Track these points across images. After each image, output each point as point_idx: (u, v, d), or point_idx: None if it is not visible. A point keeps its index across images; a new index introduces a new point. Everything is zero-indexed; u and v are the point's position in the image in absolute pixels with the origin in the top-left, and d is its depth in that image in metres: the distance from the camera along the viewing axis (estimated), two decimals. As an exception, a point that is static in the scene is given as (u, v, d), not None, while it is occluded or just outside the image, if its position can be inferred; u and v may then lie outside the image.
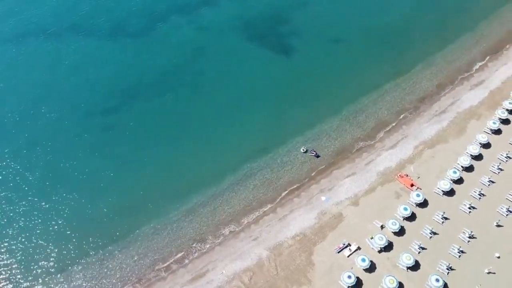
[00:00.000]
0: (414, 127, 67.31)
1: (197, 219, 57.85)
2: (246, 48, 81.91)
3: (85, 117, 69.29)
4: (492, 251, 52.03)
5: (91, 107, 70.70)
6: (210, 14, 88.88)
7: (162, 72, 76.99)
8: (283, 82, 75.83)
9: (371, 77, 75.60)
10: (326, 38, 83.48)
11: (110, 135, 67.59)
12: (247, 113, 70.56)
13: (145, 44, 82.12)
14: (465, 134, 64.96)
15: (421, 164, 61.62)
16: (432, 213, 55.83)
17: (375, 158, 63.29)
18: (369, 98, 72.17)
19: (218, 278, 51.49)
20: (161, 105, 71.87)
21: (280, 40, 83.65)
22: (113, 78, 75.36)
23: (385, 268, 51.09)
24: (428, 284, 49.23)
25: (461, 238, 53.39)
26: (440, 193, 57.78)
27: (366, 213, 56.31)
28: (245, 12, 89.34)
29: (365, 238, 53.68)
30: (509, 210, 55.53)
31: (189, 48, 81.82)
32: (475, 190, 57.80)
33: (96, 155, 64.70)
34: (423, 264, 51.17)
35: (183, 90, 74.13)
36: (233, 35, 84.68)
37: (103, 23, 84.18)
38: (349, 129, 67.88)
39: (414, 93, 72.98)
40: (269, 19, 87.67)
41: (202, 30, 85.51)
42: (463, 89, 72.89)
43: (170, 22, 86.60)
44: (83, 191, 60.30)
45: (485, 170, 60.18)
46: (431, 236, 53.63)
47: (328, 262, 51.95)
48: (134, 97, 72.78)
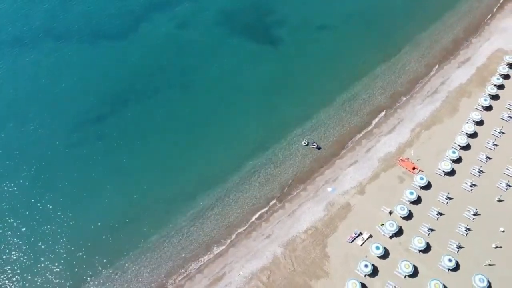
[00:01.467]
0: (409, 110, 68.44)
1: (206, 222, 57.56)
2: (232, 42, 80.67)
3: (75, 128, 67.01)
4: (497, 226, 54.09)
5: (81, 116, 68.39)
6: (190, 9, 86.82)
7: (149, 73, 75.11)
8: (274, 74, 75.30)
9: (361, 62, 76.09)
10: (311, 25, 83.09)
11: (104, 144, 65.68)
12: (241, 109, 69.92)
13: (127, 45, 79.66)
14: (458, 113, 66.51)
15: (420, 146, 62.89)
16: (436, 194, 57.35)
17: (374, 144, 64.16)
18: (362, 84, 72.69)
19: (236, 280, 51.68)
20: (152, 108, 70.22)
21: (265, 31, 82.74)
22: (99, 84, 72.99)
23: (398, 253, 52.42)
24: (441, 264, 50.91)
25: (466, 216, 55.19)
26: (441, 174, 59.29)
27: (373, 201, 57.30)
28: (226, 4, 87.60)
29: (375, 225, 54.78)
30: (508, 184, 57.62)
31: (173, 46, 79.97)
32: (474, 168, 59.60)
33: (92, 166, 62.89)
34: (433, 245, 52.74)
35: (173, 90, 72.61)
36: (217, 29, 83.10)
37: (82, 28, 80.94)
38: (346, 117, 68.36)
39: (404, 76, 73.94)
40: (252, 10, 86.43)
41: (184, 27, 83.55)
42: (451, 67, 74.31)
43: (150, 20, 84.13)
44: (84, 206, 58.66)
45: (481, 147, 62.00)
46: (438, 217, 55.20)
47: (343, 253, 52.86)
48: (124, 101, 70.81)
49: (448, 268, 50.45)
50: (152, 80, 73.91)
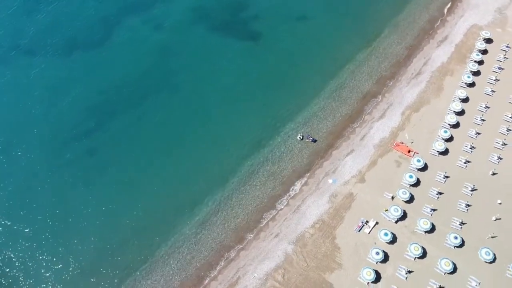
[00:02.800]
0: (396, 94, 69.61)
1: (213, 228, 57.17)
2: (212, 40, 79.36)
3: (64, 146, 64.60)
4: (494, 199, 56.20)
5: (68, 133, 66.03)
6: (164, 9, 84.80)
7: (132, 81, 73.07)
8: (258, 70, 74.82)
9: (343, 50, 76.57)
10: (289, 17, 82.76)
11: (96, 159, 63.81)
12: (231, 110, 69.10)
13: (106, 54, 77.03)
14: (444, 92, 68.16)
15: (412, 128, 64.22)
16: (433, 174, 58.92)
17: (368, 131, 65.06)
18: (347, 72, 73.26)
19: (252, 282, 51.78)
20: (140, 117, 68.56)
21: (244, 27, 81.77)
22: (82, 97, 70.44)
23: (405, 236, 53.78)
24: (447, 242, 52.63)
25: (464, 192, 57.04)
26: (436, 154, 60.87)
27: (374, 188, 58.33)
28: (201, 2, 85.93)
29: (380, 212, 55.88)
30: (499, 157, 59.81)
31: (153, 50, 77.89)
32: (466, 145, 61.47)
33: (87, 183, 61.04)
34: (437, 225, 54.34)
35: (159, 96, 71.01)
36: (195, 28, 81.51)
37: (55, 41, 77.50)
38: (336, 107, 68.87)
39: (387, 59, 74.95)
40: (229, 6, 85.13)
41: (161, 29, 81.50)
42: (431, 47, 75.81)
43: (125, 26, 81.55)
44: (85, 226, 57.04)
45: (470, 123, 63.90)
46: (438, 196, 56.81)
47: (352, 243, 53.78)
48: (111, 113, 68.80)
49: (454, 245, 52.23)
50: (137, 88, 72.01)
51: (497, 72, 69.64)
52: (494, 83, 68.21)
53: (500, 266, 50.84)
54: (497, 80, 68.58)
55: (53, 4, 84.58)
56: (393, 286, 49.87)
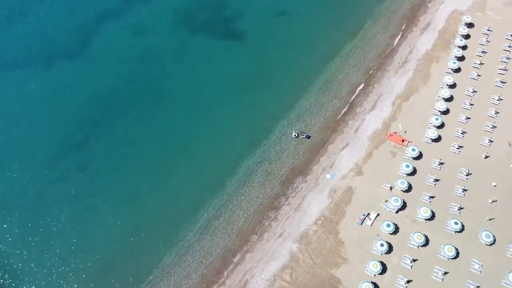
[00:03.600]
0: (385, 84, 70.19)
1: (216, 233, 56.79)
2: (195, 42, 78.44)
3: (52, 162, 62.85)
4: (489, 181, 57.45)
5: (54, 149, 64.26)
6: (142, 13, 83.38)
7: (116, 89, 71.59)
8: (244, 69, 74.33)
9: (328, 43, 76.70)
10: (270, 13, 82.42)
11: (88, 173, 62.23)
12: (222, 112, 68.45)
13: (86, 64, 75.29)
14: (431, 79, 69.06)
15: (403, 118, 64.94)
16: (429, 162, 59.82)
17: (360, 123, 65.50)
18: (335, 65, 73.47)
19: (260, 285, 51.75)
20: (128, 126, 67.27)
21: (226, 26, 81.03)
22: (66, 110, 68.71)
23: (406, 226, 54.55)
24: (448, 228, 53.65)
25: (460, 178, 58.13)
26: (429, 142, 61.76)
27: (372, 179, 58.86)
28: (179, 3, 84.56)
29: (380, 203, 56.46)
30: (490, 140, 61.09)
31: (134, 56, 76.46)
32: (457, 130, 62.55)
33: (81, 199, 59.53)
34: (437, 212, 55.25)
35: (146, 103, 69.73)
36: (175, 30, 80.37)
37: (32, 52, 75.49)
38: (327, 101, 69.06)
39: (373, 50, 75.46)
40: (207, 5, 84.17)
41: (141, 33, 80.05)
42: (414, 35, 76.63)
43: (103, 33, 79.83)
44: (85, 243, 55.85)
45: (459, 109, 65.01)
46: (435, 183, 57.73)
47: (356, 236, 54.26)
48: (98, 124, 67.35)
49: (455, 231, 53.28)
50: (122, 96, 70.63)
51: (481, 56, 70.92)
52: (479, 67, 69.49)
53: (500, 247, 52.11)
54: (481, 64, 69.87)
55: (27, 16, 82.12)
56: (400, 275, 50.63)
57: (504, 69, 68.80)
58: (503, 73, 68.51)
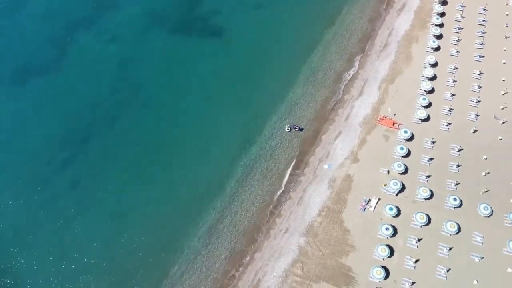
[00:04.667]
0: (369, 69, 70.90)
1: (221, 235, 56.52)
2: (173, 44, 76.95)
3: (42, 183, 60.46)
4: (480, 155, 59.26)
5: (43, 169, 61.88)
6: (115, 19, 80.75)
7: (97, 101, 69.36)
8: (227, 67, 73.45)
9: (308, 33, 76.73)
10: (247, 7, 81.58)
11: (82, 190, 60.27)
12: (210, 113, 67.56)
13: (63, 77, 72.58)
14: (413, 59, 70.21)
15: (391, 101, 65.89)
16: (421, 142, 61.10)
17: (350, 110, 66.12)
18: (317, 55, 73.61)
19: (273, 282, 52.02)
20: (117, 136, 65.70)
21: (204, 24, 79.71)
22: (50, 127, 66.27)
23: (407, 207, 55.73)
24: (447, 205, 55.16)
25: (453, 154, 59.70)
26: (419, 122, 63.00)
27: (369, 165, 59.67)
28: (152, 4, 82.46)
29: (379, 188, 57.41)
30: (476, 114, 62.90)
31: (113, 64, 74.29)
32: (444, 108, 64.04)
33: (77, 218, 57.67)
34: (435, 190, 56.62)
35: (133, 111, 68.09)
36: (152, 34, 78.46)
37: (7, 70, 71.95)
38: (315, 92, 69.29)
39: (353, 36, 75.98)
40: (181, 5, 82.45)
41: (117, 40, 77.68)
42: (392, 17, 77.56)
43: (77, 43, 77.13)
44: (87, 261, 54.48)
45: (444, 86, 66.50)
46: (430, 162, 59.10)
47: (360, 223, 55.09)
48: (84, 139, 65.31)
49: (454, 207, 54.85)
50: (106, 107, 68.63)
51: (458, 32, 72.54)
52: (457, 44, 71.10)
53: (498, 217, 54.03)
54: (459, 40, 71.51)
55: (-6, 30, 78.50)
56: (407, 256, 51.88)
57: (481, 43, 70.63)
58: (480, 48, 70.36)
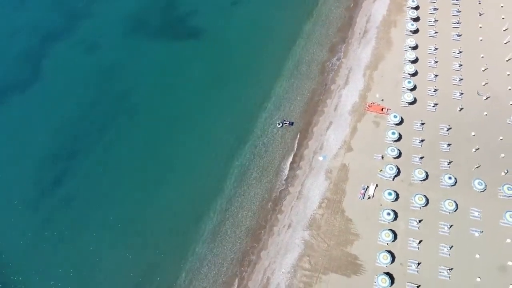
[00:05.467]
0: (352, 57, 71.45)
1: (225, 238, 56.28)
2: (153, 48, 75.63)
3: (35, 204, 58.82)
4: (468, 132, 60.69)
5: (33, 190, 60.04)
6: (91, 27, 78.82)
7: (82, 113, 67.85)
8: (210, 68, 72.80)
9: (287, 27, 76.81)
10: (224, 3, 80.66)
11: (77, 207, 58.94)
12: (199, 116, 66.90)
13: (45, 91, 70.72)
14: (394, 44, 71.10)
15: (377, 87, 66.63)
16: (411, 125, 62.12)
17: (338, 100, 66.57)
18: (299, 47, 73.73)
19: (282, 279, 52.20)
20: (107, 148, 64.38)
21: (182, 25, 78.70)
22: (35, 145, 64.29)
23: (405, 190, 56.68)
24: (443, 184, 56.36)
25: (442, 134, 60.96)
26: (406, 105, 63.97)
27: (363, 153, 60.31)
28: (126, 10, 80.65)
29: (375, 174, 58.12)
30: (461, 93, 64.39)
31: (93, 74, 72.69)
32: (430, 89, 65.21)
33: (76, 235, 56.55)
34: (429, 170, 57.78)
35: (118, 122, 66.83)
36: (130, 39, 76.98)
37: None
38: (301, 85, 69.41)
39: (332, 25, 76.40)
40: (157, 7, 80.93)
41: (94, 49, 75.90)
42: (368, 3, 78.29)
43: (53, 55, 75.00)
44: (91, 279, 53.55)
45: (426, 68, 67.69)
46: (421, 144, 60.17)
47: (361, 210, 55.71)
48: (73, 153, 63.86)
49: (450, 185, 56.14)
50: (91, 119, 67.07)
51: (434, 13, 73.84)
52: (434, 25, 72.39)
53: (492, 191, 55.54)
54: (436, 21, 72.82)
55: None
56: (410, 238, 52.87)
57: (457, 22, 72.17)
58: (457, 27, 71.88)
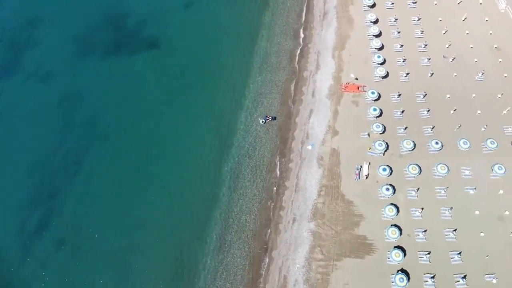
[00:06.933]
0: (317, 40, 71.45)
1: (233, 246, 55.11)
2: (112, 66, 72.03)
3: (25, 251, 55.20)
4: (443, 95, 62.60)
5: (23, 236, 56.07)
6: (39, 55, 73.73)
7: (53, 150, 63.09)
8: (176, 76, 70.22)
9: (246, 20, 75.76)
10: (177, 7, 78.19)
11: (69, 248, 55.32)
12: (177, 125, 64.63)
13: (4, 133, 65.29)
14: (355, 21, 71.83)
15: (348, 66, 67.20)
16: (388, 98, 63.19)
17: (314, 86, 66.53)
18: (263, 40, 72.89)
19: (299, 274, 52.01)
20: (87, 179, 60.71)
21: (138, 37, 75.50)
22: (10, 193, 59.65)
23: (397, 163, 57.72)
24: (431, 150, 57.93)
25: (419, 101, 62.49)
26: (380, 79, 64.98)
27: (349, 134, 60.75)
28: (73, 30, 76.04)
29: (366, 153, 58.76)
30: (428, 58, 66.16)
31: (53, 104, 67.94)
32: (399, 60, 66.51)
33: (78, 267, 53.54)
34: (415, 139, 58.86)
35: (96, 149, 62.91)
36: (86, 61, 72.97)
37: None
38: (273, 77, 68.76)
39: (291, 12, 76.10)
40: (106, 22, 76.86)
41: (49, 78, 71.23)
42: (321, -15, 78.30)
43: (4, 91, 69.84)
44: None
45: (391, 40, 68.95)
46: (402, 115, 61.46)
47: (360, 191, 56.29)
48: (54, 194, 59.51)
49: (438, 149, 57.77)
50: (64, 152, 63.02)
51: (386, -15, 75.13)
52: (389, -4, 73.81)
53: (476, 147, 57.77)
54: (390, -8, 74.24)
55: None
56: (411, 208, 54.15)
57: (411, -10, 73.94)
58: (411, -6, 73.67)
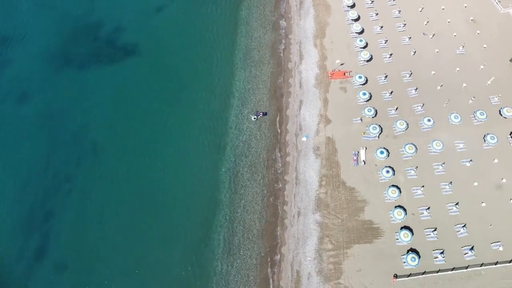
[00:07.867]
0: (297, 31, 70.92)
1: (241, 247, 54.45)
2: (90, 78, 69.55)
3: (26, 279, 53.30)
4: (428, 72, 63.35)
5: (17, 267, 54.00)
6: (13, 74, 70.60)
7: (41, 170, 60.87)
8: (159, 81, 68.46)
9: (223, 17, 74.30)
10: (148, 12, 76.04)
11: (72, 270, 53.89)
12: (167, 133, 63.11)
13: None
14: (332, 8, 71.69)
15: (332, 53, 67.03)
16: (376, 81, 63.48)
17: (300, 77, 66.11)
18: (242, 35, 71.91)
19: (311, 266, 51.93)
20: (82, 200, 58.46)
21: (114, 46, 73.00)
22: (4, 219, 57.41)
23: (392, 144, 58.20)
24: (424, 128, 58.62)
25: (406, 80, 63.12)
26: (365, 63, 65.14)
27: (342, 121, 60.80)
28: (45, 45, 73.04)
29: (361, 138, 58.94)
30: (408, 37, 66.72)
31: (36, 124, 65.28)
32: (380, 41, 66.84)
33: None
34: (407, 119, 59.48)
35: (85, 164, 61.02)
36: (63, 75, 70.27)
37: None
38: (258, 72, 67.93)
39: (267, 4, 75.31)
40: (78, 34, 74.01)
41: (28, 96, 68.33)
42: (292, -26, 77.59)
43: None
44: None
45: (370, 22, 69.12)
46: (391, 96, 61.87)
47: (359, 176, 56.46)
48: (49, 215, 57.59)
49: (430, 126, 58.51)
50: (54, 171, 60.75)
51: (358, -33, 75.05)
52: (363, -21, 73.76)
53: (466, 120, 58.88)
54: (362, -26, 74.19)
55: None
56: (413, 188, 54.72)
57: (382, -29, 74.06)
58: (383, -24, 73.81)
